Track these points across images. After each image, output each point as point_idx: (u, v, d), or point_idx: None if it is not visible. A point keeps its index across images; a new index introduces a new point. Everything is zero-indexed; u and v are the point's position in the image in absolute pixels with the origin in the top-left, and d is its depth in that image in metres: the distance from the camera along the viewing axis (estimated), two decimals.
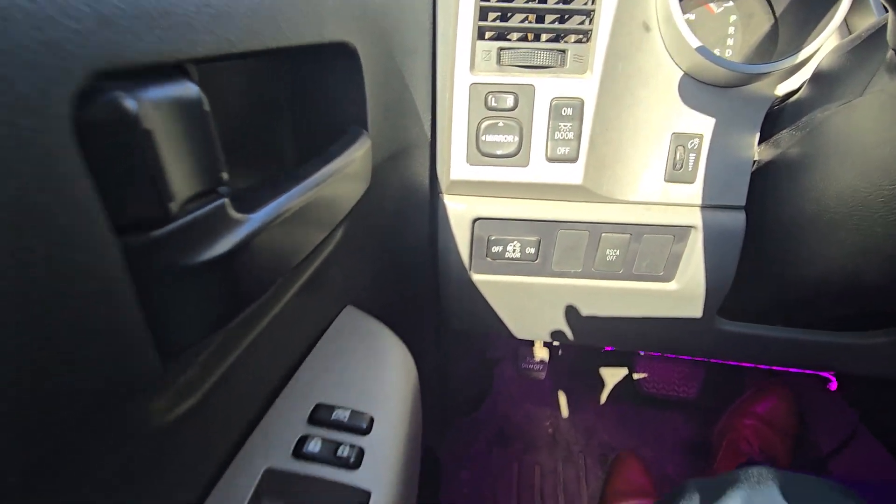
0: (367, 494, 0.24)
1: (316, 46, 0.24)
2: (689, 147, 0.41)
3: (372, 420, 0.28)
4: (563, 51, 0.38)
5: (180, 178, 0.14)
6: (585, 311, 0.51)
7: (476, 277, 0.47)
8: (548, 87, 0.38)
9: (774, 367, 0.97)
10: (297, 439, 0.25)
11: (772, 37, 0.43)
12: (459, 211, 0.43)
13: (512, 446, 1.02)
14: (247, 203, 0.18)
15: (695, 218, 0.43)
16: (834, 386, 0.95)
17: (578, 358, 1.13)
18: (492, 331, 0.55)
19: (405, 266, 0.46)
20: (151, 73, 0.13)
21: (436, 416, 0.94)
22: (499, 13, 0.38)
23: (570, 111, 0.38)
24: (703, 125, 0.41)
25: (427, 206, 0.45)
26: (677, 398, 1.07)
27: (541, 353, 0.92)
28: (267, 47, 0.19)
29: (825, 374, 0.96)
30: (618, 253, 0.45)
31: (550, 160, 0.40)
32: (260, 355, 0.25)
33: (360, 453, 0.26)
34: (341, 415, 0.27)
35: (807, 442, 0.97)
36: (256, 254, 0.18)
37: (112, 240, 0.13)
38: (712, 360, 1.01)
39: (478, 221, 0.44)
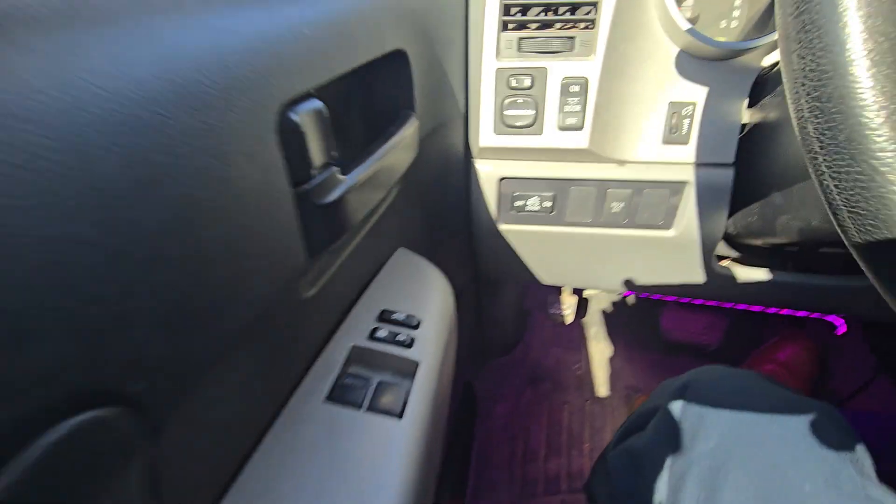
0: (417, 364, 0.36)
1: (379, 58, 0.34)
2: (684, 113, 0.49)
3: (420, 321, 0.40)
4: (572, 38, 0.46)
5: (316, 154, 0.25)
6: (597, 255, 0.60)
7: (503, 227, 0.58)
8: (559, 68, 0.47)
9: (796, 314, 1.02)
10: (371, 329, 0.38)
11: (770, 10, 0.49)
12: (488, 172, 0.53)
13: (543, 386, 1.14)
14: (344, 170, 0.29)
15: (689, 174, 0.51)
16: (841, 331, 0.99)
17: (606, 307, 1.21)
18: (520, 277, 0.66)
19: (446, 217, 0.57)
20: (302, 97, 0.25)
21: (474, 355, 1.07)
22: (519, 8, 0.46)
23: (576, 88, 0.47)
24: (696, 94, 0.48)
25: (462, 168, 0.55)
26: (700, 346, 1.14)
27: (569, 300, 1.02)
28: (351, 69, 0.29)
29: (831, 319, 1.00)
30: (622, 205, 0.54)
31: (561, 129, 0.49)
32: (345, 275, 0.37)
33: (412, 339, 0.38)
34: (399, 316, 0.39)
35: (826, 387, 1.02)
36: (349, 201, 0.30)
37: (289, 189, 0.24)
38: (735, 307, 1.06)
39: (503, 180, 0.54)
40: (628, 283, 0.66)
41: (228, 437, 0.26)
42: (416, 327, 0.39)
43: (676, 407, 0.35)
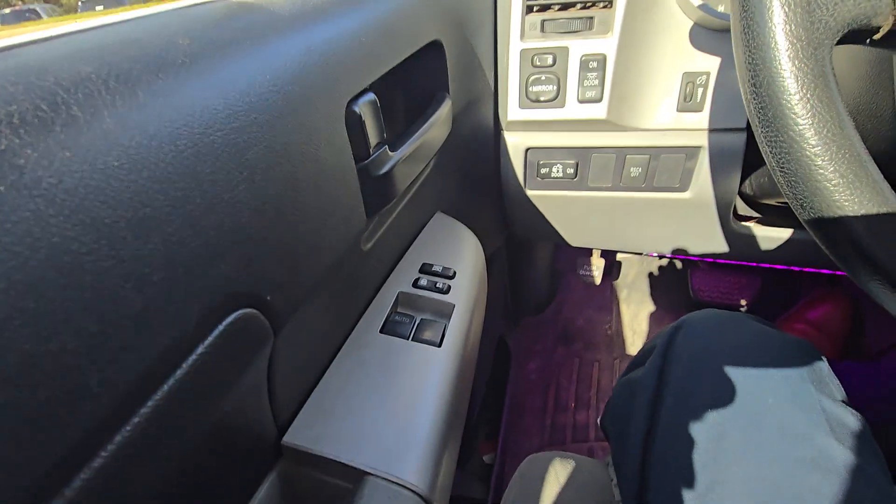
0: (453, 306, 0.44)
1: (418, 50, 0.41)
2: (698, 83, 0.52)
3: (455, 272, 0.47)
4: (592, 17, 0.50)
5: (372, 136, 0.32)
6: (618, 218, 0.65)
7: (530, 193, 0.64)
8: (579, 47, 0.51)
9: (834, 274, 1.02)
10: (414, 278, 0.45)
11: None
12: (515, 143, 0.59)
13: (574, 345, 1.20)
14: (392, 146, 0.37)
15: (703, 140, 0.55)
16: None
17: (637, 269, 1.25)
18: (548, 238, 0.72)
19: (478, 185, 0.64)
20: (360, 92, 0.32)
21: (507, 313, 1.15)
22: None
23: (595, 64, 0.51)
24: (710, 64, 0.52)
25: (492, 140, 0.61)
26: (732, 306, 1.17)
27: (597, 262, 1.07)
28: (396, 63, 0.36)
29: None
30: (640, 170, 0.58)
31: (581, 101, 0.54)
32: (393, 233, 0.45)
33: (449, 287, 0.45)
34: (437, 268, 0.47)
35: (859, 344, 1.03)
36: (397, 172, 0.37)
37: (352, 162, 0.32)
38: (770, 267, 1.07)
39: (529, 150, 0.60)
40: (650, 244, 0.70)
41: (313, 353, 0.34)
42: (451, 277, 0.46)
43: (667, 343, 0.41)
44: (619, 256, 1.22)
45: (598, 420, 0.50)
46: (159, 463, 0.20)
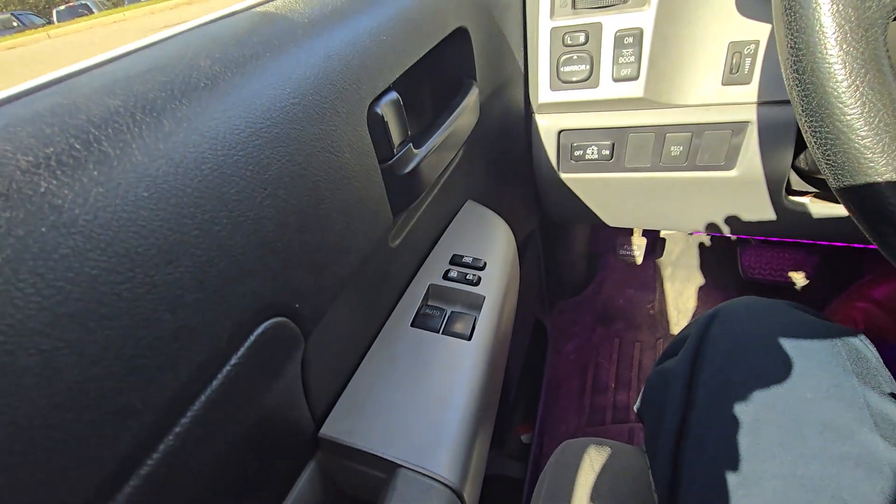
0: (483, 298, 0.44)
1: (444, 41, 0.40)
2: (746, 52, 0.49)
3: (485, 263, 0.47)
4: None
5: (395, 136, 0.32)
6: (659, 198, 0.63)
7: (564, 176, 0.62)
8: (613, 22, 0.49)
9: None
10: (444, 270, 0.46)
11: None
12: (547, 125, 0.57)
13: (614, 325, 1.18)
14: (417, 142, 0.36)
15: (751, 114, 0.51)
16: None
17: (682, 247, 1.20)
18: (585, 220, 0.70)
19: (510, 170, 0.63)
20: (382, 91, 0.32)
21: (543, 295, 1.13)
22: None
23: (630, 40, 0.49)
24: (758, 32, 0.48)
25: (523, 124, 0.59)
26: (785, 284, 1.10)
27: (638, 241, 1.03)
28: (420, 56, 0.36)
29: None
30: (681, 149, 0.55)
31: (616, 80, 0.51)
32: (422, 226, 0.45)
33: (479, 278, 0.45)
34: (468, 259, 0.47)
35: None
36: (422, 169, 0.37)
37: (376, 164, 0.32)
38: (829, 244, 1.00)
39: (562, 132, 0.58)
40: (694, 223, 0.67)
41: (345, 349, 0.35)
42: (482, 269, 0.46)
43: (702, 332, 0.39)
44: (662, 233, 1.18)
45: (635, 407, 0.49)
46: (202, 464, 0.21)
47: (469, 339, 0.40)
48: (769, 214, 0.60)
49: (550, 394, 1.07)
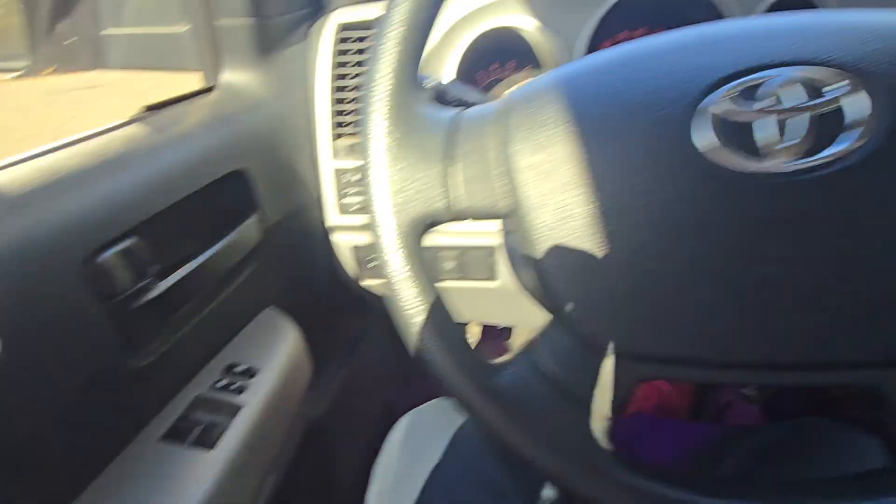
0: (240, 407, 0.48)
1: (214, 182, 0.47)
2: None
3: (257, 370, 0.52)
4: None
5: (126, 276, 0.38)
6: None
7: (364, 284, 0.70)
8: None
9: None
10: (216, 380, 0.50)
11: None
12: (342, 242, 0.66)
13: None
14: (163, 274, 0.42)
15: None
16: None
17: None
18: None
19: (315, 279, 0.70)
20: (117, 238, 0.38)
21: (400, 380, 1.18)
22: (350, 121, 0.60)
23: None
24: None
25: (325, 240, 0.68)
26: None
27: (473, 331, 1.14)
28: (182, 197, 0.43)
29: None
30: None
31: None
32: (196, 339, 0.49)
33: (242, 387, 0.50)
34: (242, 367, 0.51)
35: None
36: (171, 296, 0.42)
37: (96, 308, 0.37)
38: None
39: (355, 247, 0.67)
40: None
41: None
42: (252, 376, 0.51)
43: None
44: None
45: None
46: None
47: (212, 447, 0.44)
48: None
49: None
